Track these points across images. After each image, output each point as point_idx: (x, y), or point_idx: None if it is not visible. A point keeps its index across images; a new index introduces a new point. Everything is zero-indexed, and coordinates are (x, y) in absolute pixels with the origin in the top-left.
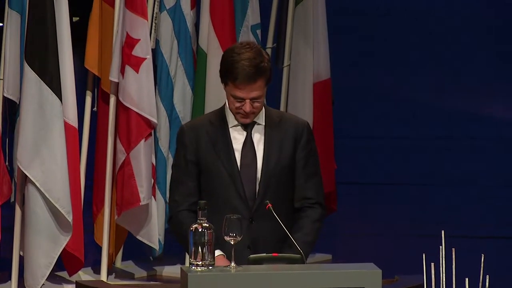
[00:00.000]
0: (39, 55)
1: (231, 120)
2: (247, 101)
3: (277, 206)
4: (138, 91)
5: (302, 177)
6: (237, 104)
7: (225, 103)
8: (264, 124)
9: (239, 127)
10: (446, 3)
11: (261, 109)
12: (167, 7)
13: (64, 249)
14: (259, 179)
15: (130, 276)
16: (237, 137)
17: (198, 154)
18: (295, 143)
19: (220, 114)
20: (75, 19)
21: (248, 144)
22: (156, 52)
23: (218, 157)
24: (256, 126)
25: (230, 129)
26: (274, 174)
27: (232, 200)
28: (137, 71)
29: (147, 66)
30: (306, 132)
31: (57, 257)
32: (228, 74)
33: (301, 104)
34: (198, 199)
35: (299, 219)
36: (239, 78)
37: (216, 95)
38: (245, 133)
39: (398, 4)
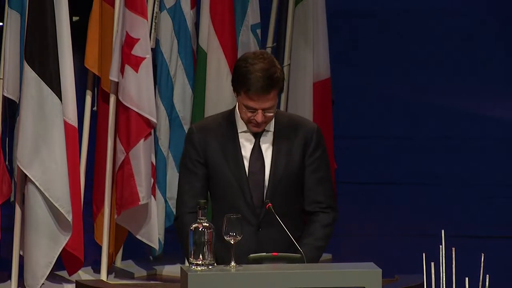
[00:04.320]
0: (39, 55)
1: (240, 125)
2: (260, 111)
3: (284, 212)
4: (138, 90)
5: (313, 181)
6: (249, 114)
7: (235, 106)
8: (273, 130)
9: (248, 133)
10: (447, 4)
11: (273, 118)
12: (167, 7)
13: (64, 249)
14: (267, 187)
15: (130, 275)
16: (245, 144)
17: (206, 156)
18: (304, 148)
19: (230, 118)
20: (75, 19)
21: (257, 151)
22: (156, 52)
23: (226, 163)
24: (265, 133)
25: (239, 134)
26: (281, 182)
27: (239, 207)
28: (136, 71)
29: (147, 66)
30: (316, 136)
31: (57, 256)
32: (241, 84)
33: (301, 104)
34: (204, 199)
35: (311, 223)
36: (252, 89)
37: (216, 95)
38: (253, 139)
39: (399, 4)
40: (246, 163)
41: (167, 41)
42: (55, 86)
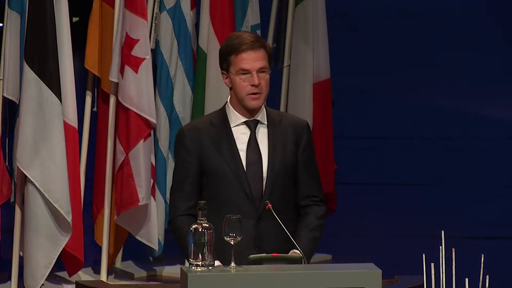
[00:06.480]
0: (39, 55)
1: (233, 119)
2: (254, 73)
3: (283, 203)
4: (137, 91)
5: (306, 176)
6: (245, 83)
7: (226, 103)
8: (266, 123)
9: (242, 126)
10: (447, 4)
11: (267, 89)
12: (167, 7)
13: (64, 249)
14: (266, 178)
15: (130, 276)
16: (240, 137)
17: (200, 155)
18: (296, 143)
19: (221, 114)
20: (75, 19)
21: (253, 143)
22: (156, 52)
23: (222, 157)
24: (259, 125)
25: (233, 129)
26: (279, 172)
27: (238, 200)
28: (136, 71)
29: (146, 66)
30: (306, 132)
31: (56, 257)
32: (230, 51)
33: (301, 104)
34: (196, 202)
35: (305, 215)
36: (243, 46)
37: (216, 95)
38: (248, 132)
39: (398, 5)
40: (243, 155)
41: (167, 42)
42: (55, 87)
